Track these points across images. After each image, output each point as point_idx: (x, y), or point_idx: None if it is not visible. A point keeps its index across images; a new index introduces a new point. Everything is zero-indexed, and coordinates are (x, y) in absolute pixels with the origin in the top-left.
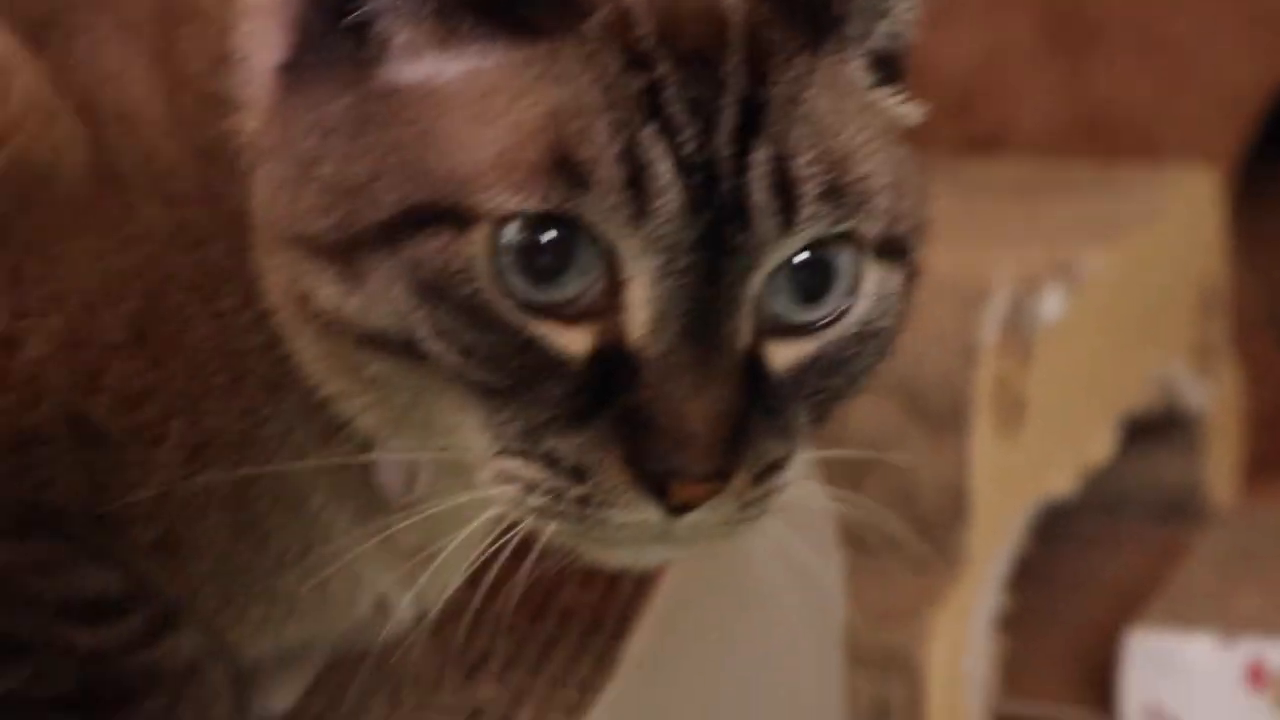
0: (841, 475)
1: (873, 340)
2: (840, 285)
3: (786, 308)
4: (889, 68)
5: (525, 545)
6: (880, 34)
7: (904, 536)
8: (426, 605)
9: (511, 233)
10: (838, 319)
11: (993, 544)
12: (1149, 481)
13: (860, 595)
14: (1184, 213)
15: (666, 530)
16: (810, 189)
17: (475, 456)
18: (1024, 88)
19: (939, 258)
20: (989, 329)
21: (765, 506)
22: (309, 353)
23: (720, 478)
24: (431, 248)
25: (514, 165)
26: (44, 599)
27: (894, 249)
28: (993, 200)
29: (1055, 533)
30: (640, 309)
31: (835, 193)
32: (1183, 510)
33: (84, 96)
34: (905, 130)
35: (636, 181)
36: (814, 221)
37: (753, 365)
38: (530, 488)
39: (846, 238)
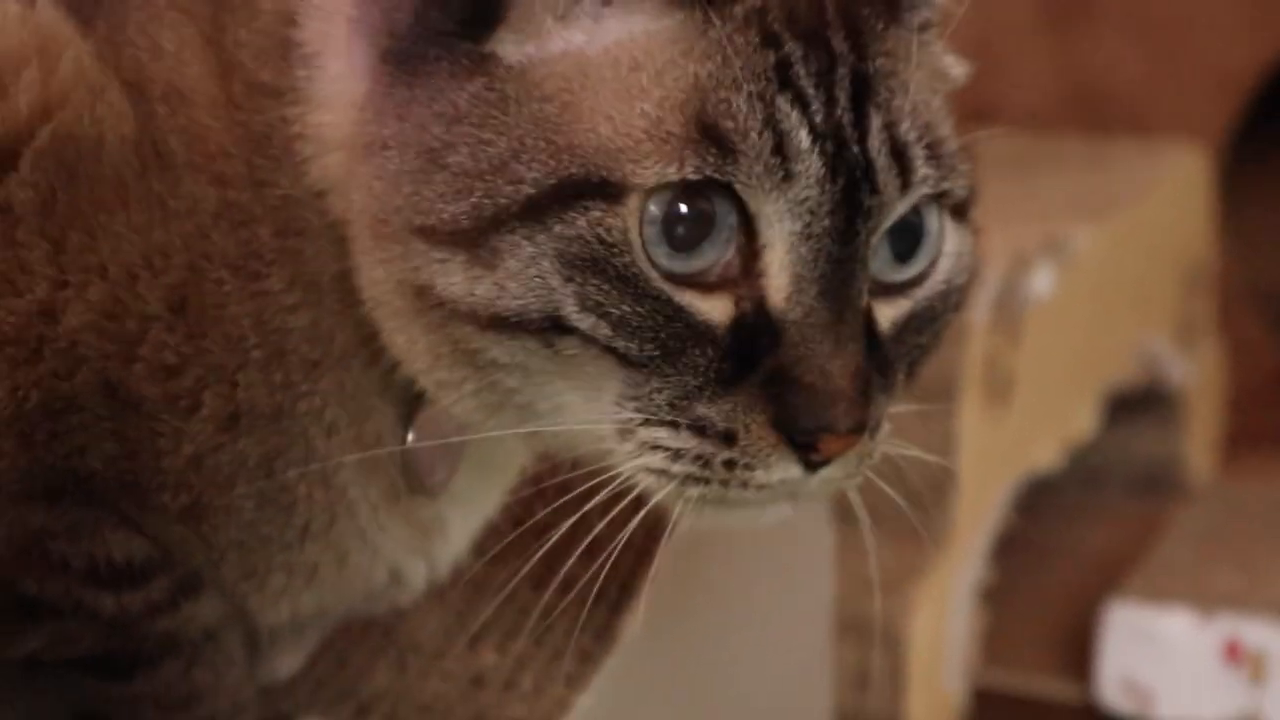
0: None
1: (953, 296)
2: (928, 245)
3: (884, 268)
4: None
5: (527, 517)
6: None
7: (895, 508)
8: (437, 575)
9: (657, 204)
10: (926, 277)
11: (977, 518)
12: (1129, 456)
13: (844, 566)
14: (1172, 190)
15: (800, 487)
16: (918, 152)
17: (603, 431)
18: (1016, 62)
19: None
20: (980, 307)
21: (873, 460)
22: (418, 344)
23: (859, 430)
24: (583, 221)
25: (665, 137)
26: (72, 563)
27: (964, 209)
28: (983, 174)
29: (1035, 505)
30: (779, 273)
31: (934, 155)
32: (1162, 485)
33: (134, 73)
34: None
35: (780, 149)
36: (925, 182)
37: (867, 324)
38: (678, 455)
39: (937, 198)
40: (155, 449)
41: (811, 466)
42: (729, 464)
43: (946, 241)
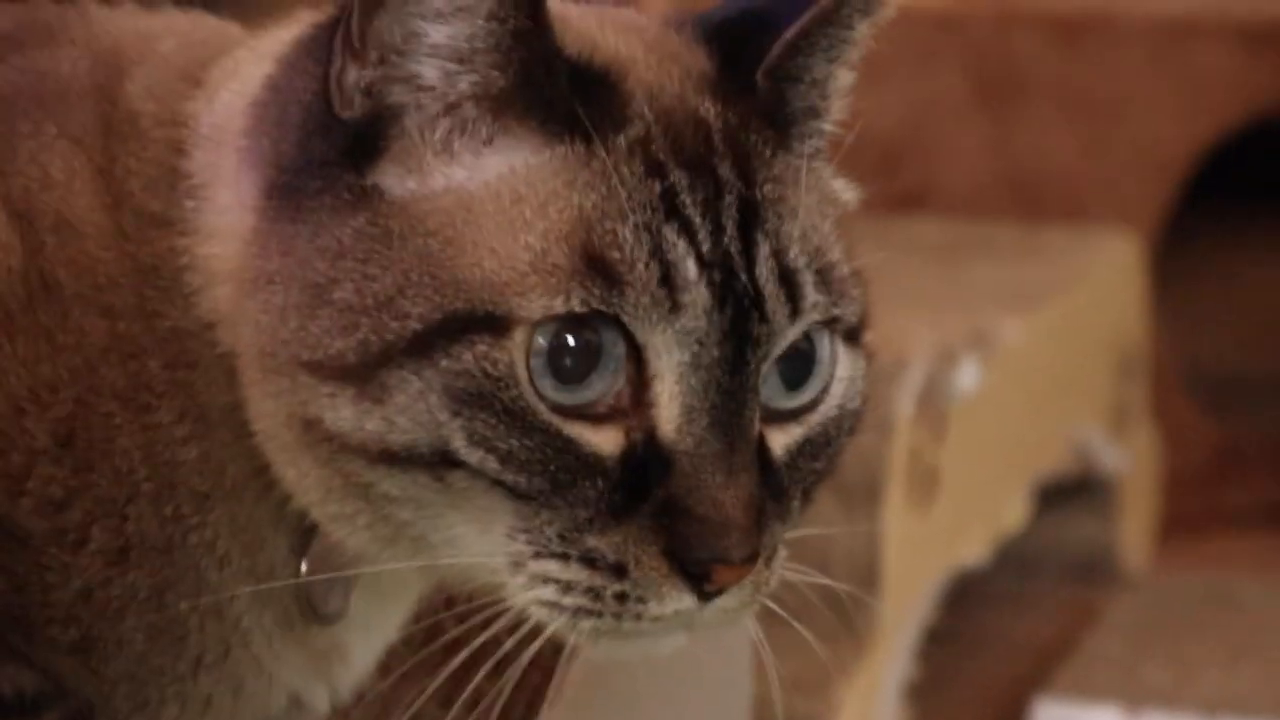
0: None
1: (847, 421)
2: (820, 371)
3: (776, 395)
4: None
5: (429, 637)
6: (827, 123)
7: (818, 606)
8: (339, 699)
9: (544, 336)
10: (818, 403)
11: (903, 614)
12: (1062, 543)
13: (768, 667)
14: (1106, 276)
15: (694, 617)
16: (807, 278)
17: (496, 564)
18: (949, 146)
19: None
20: (904, 402)
21: (770, 588)
22: (309, 477)
23: (752, 559)
24: (469, 356)
25: (550, 269)
26: None
27: (856, 333)
28: (914, 262)
29: (964, 594)
30: (669, 404)
31: (824, 281)
32: (1095, 572)
33: (23, 202)
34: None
35: (667, 279)
36: (814, 309)
37: (760, 452)
38: (568, 588)
39: (828, 324)
40: (44, 583)
41: (705, 596)
42: (620, 597)
43: (839, 367)
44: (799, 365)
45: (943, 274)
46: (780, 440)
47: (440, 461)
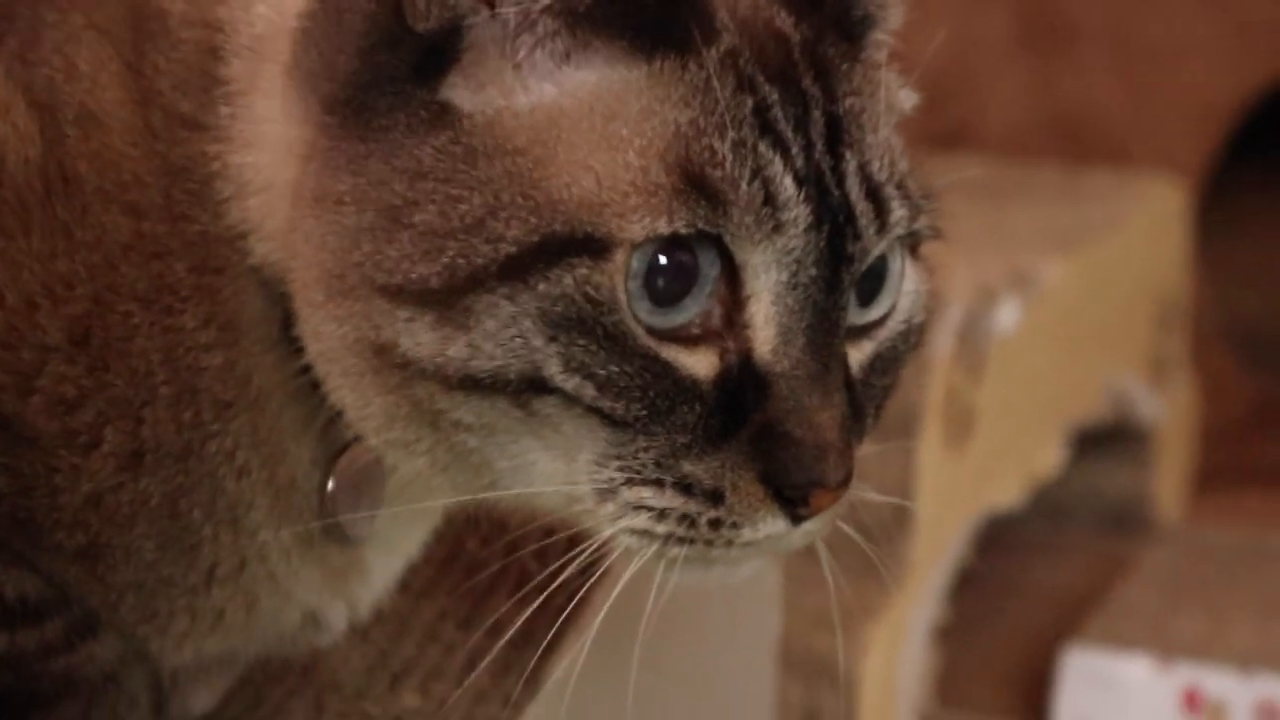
0: None
1: (913, 336)
2: (890, 286)
3: (852, 312)
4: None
5: (451, 554)
6: (884, 30)
7: (850, 544)
8: (357, 617)
9: (640, 258)
10: (888, 318)
11: (934, 555)
12: (1096, 492)
13: (796, 603)
14: (1148, 223)
15: (782, 542)
16: (891, 192)
17: (579, 492)
18: (994, 86)
19: None
20: (943, 340)
21: (843, 509)
22: (373, 404)
23: (848, 482)
24: (569, 280)
25: (651, 189)
26: None
27: (918, 244)
28: (956, 201)
29: (997, 540)
30: (765, 325)
31: (905, 194)
32: (1128, 523)
33: (46, 93)
34: None
35: (769, 198)
36: (899, 224)
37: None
38: (663, 515)
39: (904, 238)
40: (51, 485)
41: (797, 520)
42: (715, 523)
43: (906, 280)
44: (873, 280)
45: (984, 213)
46: (856, 357)
47: (528, 388)
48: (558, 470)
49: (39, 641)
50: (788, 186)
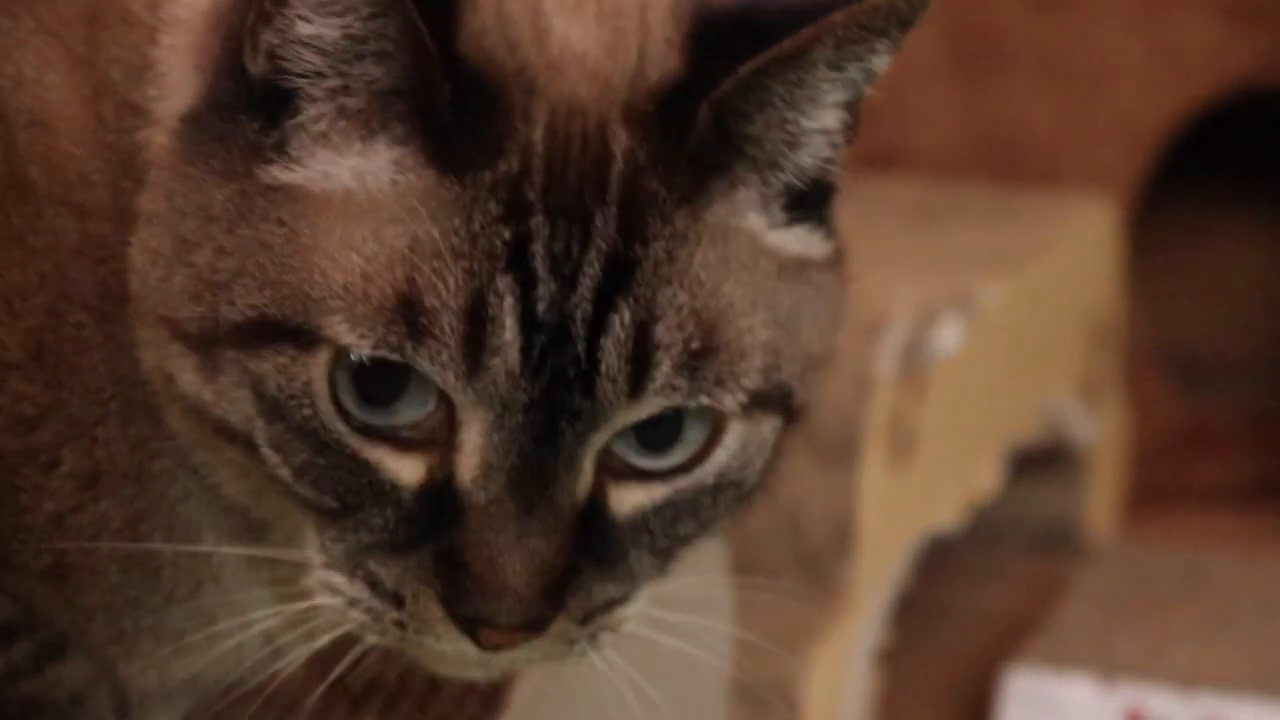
0: None
1: (731, 489)
2: (691, 440)
3: (630, 454)
4: (805, 199)
5: None
6: (789, 169)
7: (791, 568)
8: (315, 642)
9: (346, 359)
10: (690, 469)
11: (877, 577)
12: (1028, 513)
13: (740, 627)
14: (1080, 243)
15: (483, 659)
16: (668, 358)
17: (307, 559)
18: (924, 107)
19: None
20: (886, 360)
21: (595, 643)
22: (177, 426)
23: (530, 629)
24: (274, 364)
25: (361, 298)
26: None
27: (768, 400)
28: (890, 222)
29: (928, 562)
30: (471, 454)
31: (697, 362)
32: (1060, 544)
33: None
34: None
35: (476, 337)
36: (665, 394)
37: (593, 506)
38: (352, 603)
39: (695, 411)
40: (16, 504)
41: (485, 647)
42: (399, 624)
43: (727, 436)
44: (663, 432)
45: (919, 234)
46: (631, 498)
47: (254, 451)
48: (295, 532)
49: (6, 664)
50: (507, 329)
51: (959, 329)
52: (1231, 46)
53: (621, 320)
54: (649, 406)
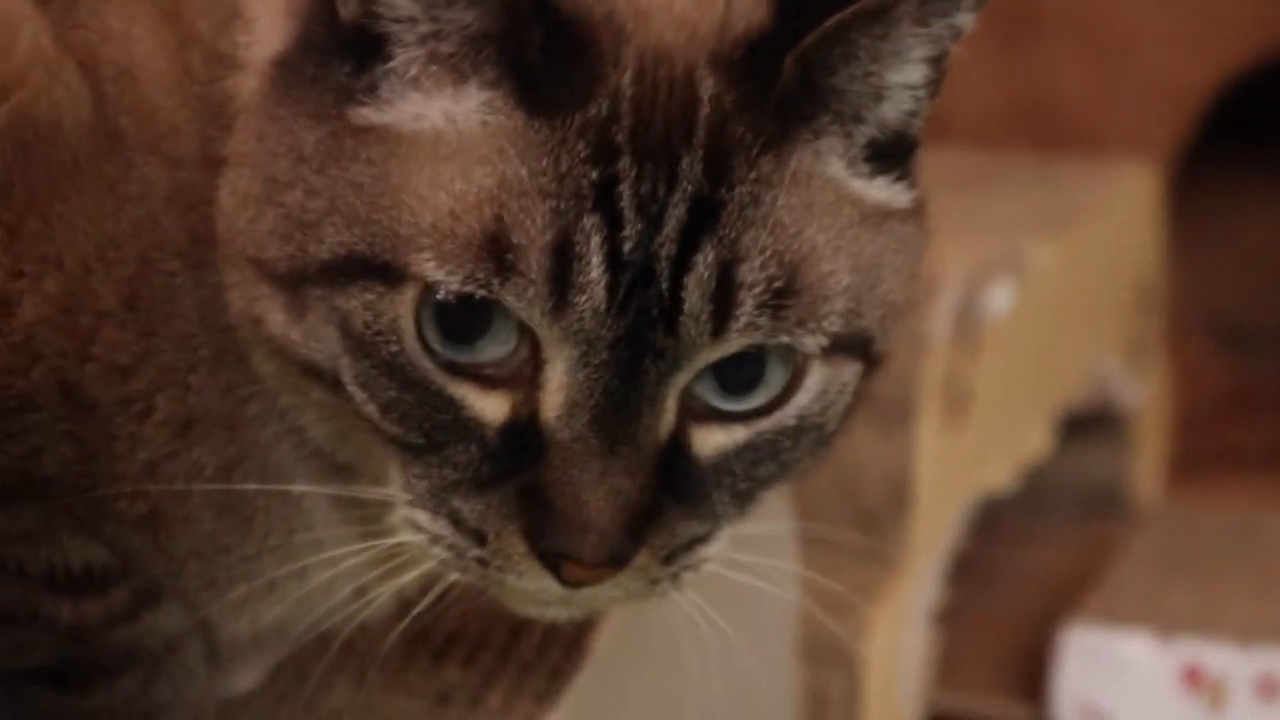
0: None
1: (812, 432)
2: (772, 383)
3: (711, 396)
4: (889, 151)
5: None
6: (873, 121)
7: (851, 529)
8: (405, 593)
9: (432, 295)
10: (770, 411)
11: (933, 538)
12: (1076, 477)
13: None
14: (1123, 208)
15: (565, 597)
16: (751, 298)
17: (392, 497)
18: (963, 74)
19: None
20: (940, 322)
21: (678, 582)
22: (264, 368)
23: (614, 564)
24: (362, 300)
25: (449, 235)
26: (29, 569)
27: (849, 345)
28: (937, 190)
29: (985, 527)
30: (555, 392)
31: (779, 302)
32: (1108, 507)
33: (86, 53)
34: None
35: (563, 275)
36: (748, 333)
37: (676, 446)
38: (435, 540)
39: (779, 349)
40: (111, 453)
41: (567, 584)
42: (481, 562)
43: (808, 379)
44: (745, 374)
45: (966, 200)
46: (713, 440)
47: (342, 388)
48: (382, 469)
49: (103, 611)
50: (593, 267)
51: (1010, 290)
52: (1270, 11)
53: (705, 260)
54: (732, 345)
